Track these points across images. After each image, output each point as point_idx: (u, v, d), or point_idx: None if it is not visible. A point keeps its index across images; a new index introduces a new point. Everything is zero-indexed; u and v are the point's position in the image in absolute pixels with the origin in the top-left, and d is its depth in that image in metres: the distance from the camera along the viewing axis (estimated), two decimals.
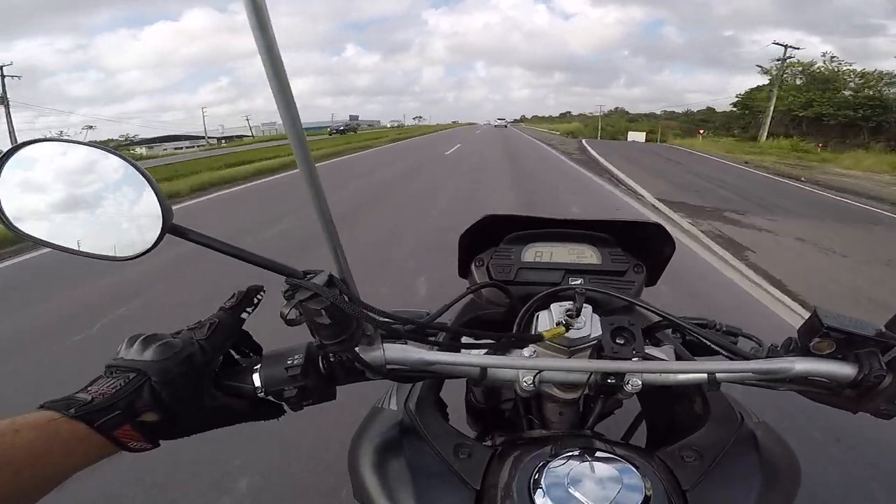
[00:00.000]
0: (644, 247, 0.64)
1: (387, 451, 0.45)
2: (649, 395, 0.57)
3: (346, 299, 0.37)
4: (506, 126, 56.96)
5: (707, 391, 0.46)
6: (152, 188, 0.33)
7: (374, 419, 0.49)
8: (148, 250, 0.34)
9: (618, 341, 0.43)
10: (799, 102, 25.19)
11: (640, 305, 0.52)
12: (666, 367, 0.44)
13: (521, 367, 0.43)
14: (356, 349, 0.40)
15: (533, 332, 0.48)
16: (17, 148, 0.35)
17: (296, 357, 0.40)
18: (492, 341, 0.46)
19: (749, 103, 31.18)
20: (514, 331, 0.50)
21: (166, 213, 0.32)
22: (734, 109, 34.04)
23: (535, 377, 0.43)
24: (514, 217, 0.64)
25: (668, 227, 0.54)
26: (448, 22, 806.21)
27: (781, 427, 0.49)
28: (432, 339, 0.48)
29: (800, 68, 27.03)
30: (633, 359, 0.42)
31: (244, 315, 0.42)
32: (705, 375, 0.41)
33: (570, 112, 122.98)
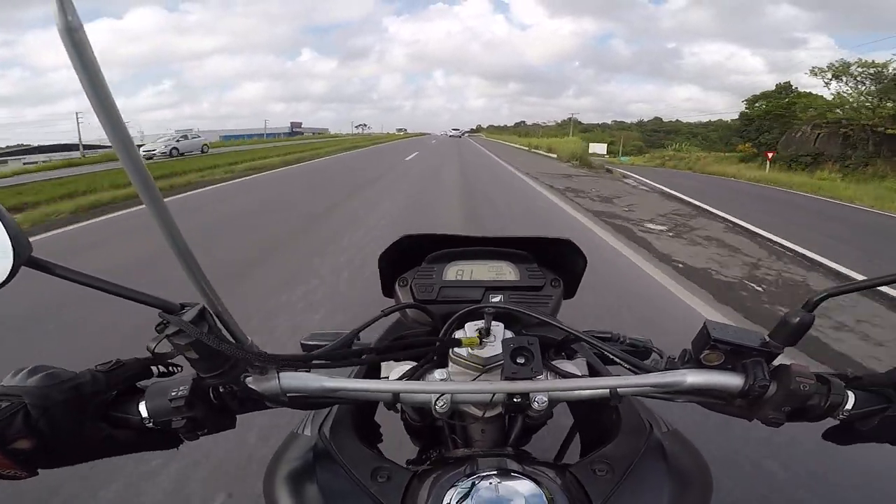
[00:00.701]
0: (559, 262, 0.66)
1: (300, 477, 0.44)
2: (578, 407, 0.58)
3: (219, 332, 0.36)
4: (460, 136, 56.44)
5: (611, 404, 0.45)
6: (1, 219, 0.30)
7: (288, 446, 0.48)
8: None
9: (518, 361, 0.43)
10: (889, 114, 17.25)
11: (549, 322, 0.52)
12: (565, 384, 0.45)
13: (430, 391, 0.44)
14: (247, 379, 0.40)
15: (451, 352, 0.49)
16: None
17: (181, 388, 0.39)
18: (372, 358, 0.48)
19: (782, 112, 24.58)
20: (435, 349, 0.50)
21: (19, 245, 0.29)
22: (730, 121, 29.35)
23: (447, 399, 0.44)
24: (433, 236, 0.65)
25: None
26: (409, 30, 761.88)
27: None
28: (352, 360, 0.48)
29: (871, 70, 19.28)
30: (538, 377, 0.43)
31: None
32: (607, 391, 0.43)
33: (524, 122, 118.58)
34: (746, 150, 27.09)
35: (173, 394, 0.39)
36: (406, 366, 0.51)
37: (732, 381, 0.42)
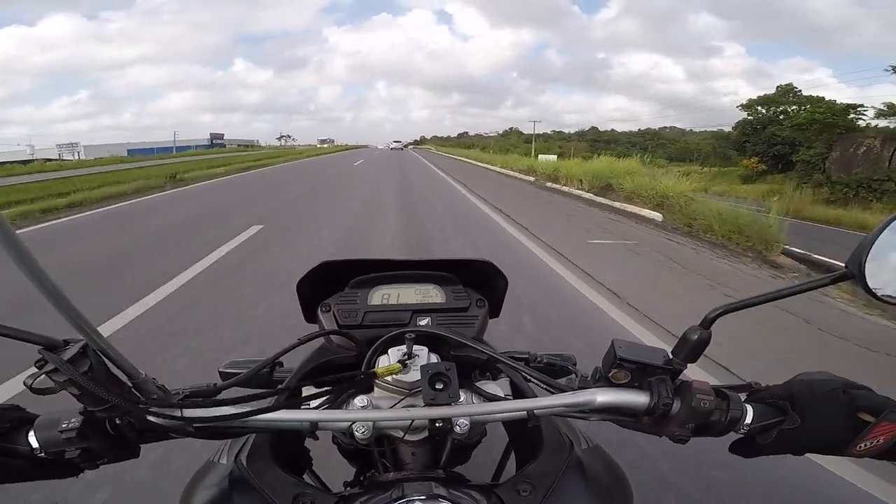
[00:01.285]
0: (483, 283, 0.67)
1: None
2: (513, 426, 0.59)
3: (104, 368, 0.36)
4: (402, 149, 51.90)
5: (530, 425, 0.45)
6: None
7: (204, 474, 0.47)
8: None
9: (437, 387, 0.44)
10: None
11: (468, 345, 0.53)
12: (482, 408, 0.47)
13: (346, 419, 0.44)
14: (148, 411, 0.39)
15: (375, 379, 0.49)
16: None
17: (72, 421, 0.38)
18: (328, 390, 0.47)
19: (833, 121, 17.66)
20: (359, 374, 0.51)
21: None
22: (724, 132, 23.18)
23: (369, 426, 0.43)
24: (354, 261, 0.65)
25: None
26: (351, 40, 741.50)
27: None
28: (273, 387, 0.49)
29: None
30: (456, 402, 0.43)
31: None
32: (524, 412, 0.44)
33: (467, 132, 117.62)
34: (752, 165, 22.31)
35: (64, 425, 0.38)
36: (328, 391, 0.49)
37: (639, 398, 0.43)
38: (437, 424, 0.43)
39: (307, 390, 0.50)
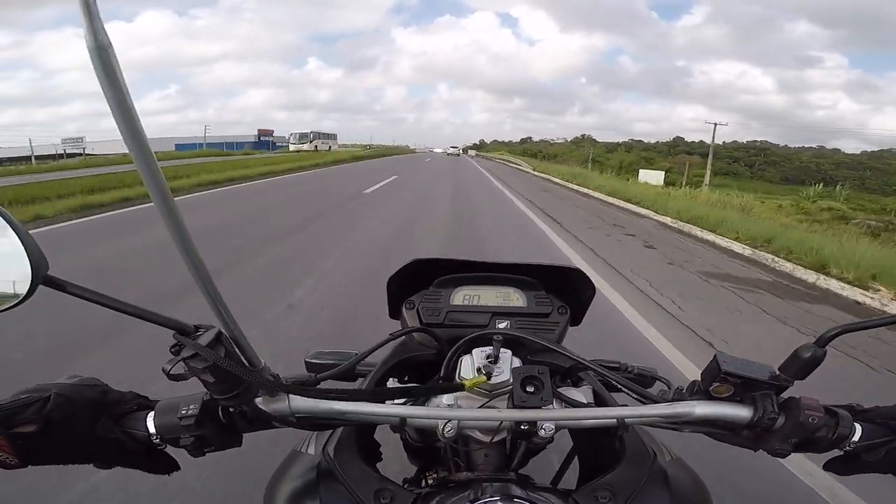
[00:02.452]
0: (567, 290, 0.67)
1: (302, 496, 0.45)
2: (579, 433, 0.59)
3: (235, 357, 0.37)
4: (458, 154, 48.45)
5: (619, 433, 0.47)
6: (19, 236, 0.32)
7: (291, 463, 0.50)
8: (16, 304, 0.34)
9: (528, 390, 0.44)
10: None
11: (556, 350, 0.54)
12: (574, 414, 0.47)
13: (437, 416, 0.45)
14: (257, 400, 0.41)
15: (457, 376, 0.50)
16: None
17: (191, 407, 0.40)
18: (416, 385, 0.51)
19: None
20: (441, 373, 0.53)
21: (37, 263, 0.31)
22: None
23: (454, 425, 0.45)
24: (443, 260, 0.67)
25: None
26: (416, 41, 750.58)
27: None
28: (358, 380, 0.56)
29: None
30: (546, 406, 0.44)
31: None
32: (614, 420, 0.44)
33: (531, 137, 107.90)
34: None
35: (183, 412, 0.40)
36: (417, 385, 0.52)
37: (741, 412, 0.43)
38: (522, 427, 0.44)
39: (392, 385, 0.53)
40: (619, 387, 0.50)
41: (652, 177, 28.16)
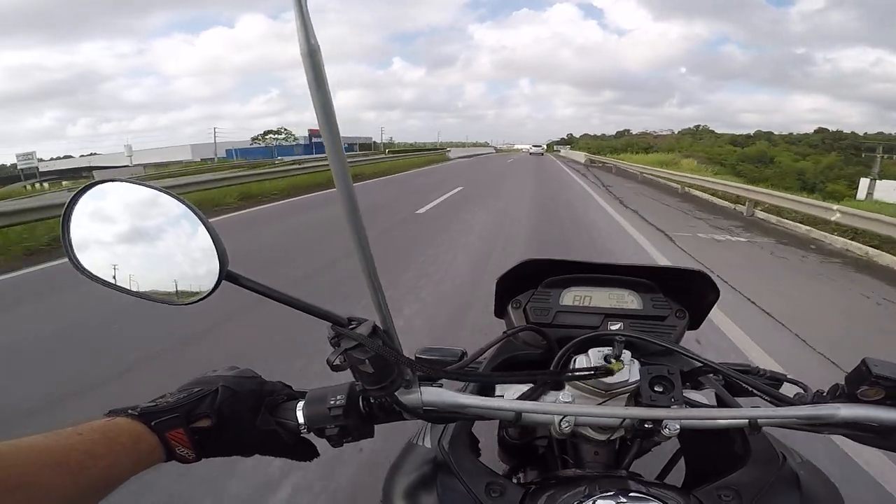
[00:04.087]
0: (687, 293, 0.65)
1: (420, 486, 0.47)
2: (688, 435, 0.57)
3: (392, 347, 0.39)
4: (541, 154, 44.43)
5: (749, 434, 0.47)
6: (210, 234, 0.35)
7: (408, 455, 0.51)
8: (205, 297, 0.37)
9: (656, 389, 0.45)
10: None
11: (681, 352, 0.52)
12: (707, 414, 0.46)
13: (556, 412, 0.46)
14: (396, 393, 0.43)
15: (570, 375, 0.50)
16: (87, 188, 0.38)
17: (338, 398, 0.43)
18: (529, 378, 0.51)
19: None
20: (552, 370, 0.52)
21: (223, 259, 0.34)
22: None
23: (571, 420, 0.46)
24: (554, 261, 0.66)
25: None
26: (494, 36, 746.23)
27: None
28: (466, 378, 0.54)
29: None
30: (673, 406, 0.45)
31: None
32: (746, 421, 0.44)
33: (628, 130, 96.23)
34: None
35: (332, 402, 0.42)
36: (520, 385, 0.52)
37: (892, 415, 0.42)
38: (646, 425, 0.44)
39: (500, 382, 0.53)
40: (750, 389, 0.49)
41: (880, 189, 19.77)
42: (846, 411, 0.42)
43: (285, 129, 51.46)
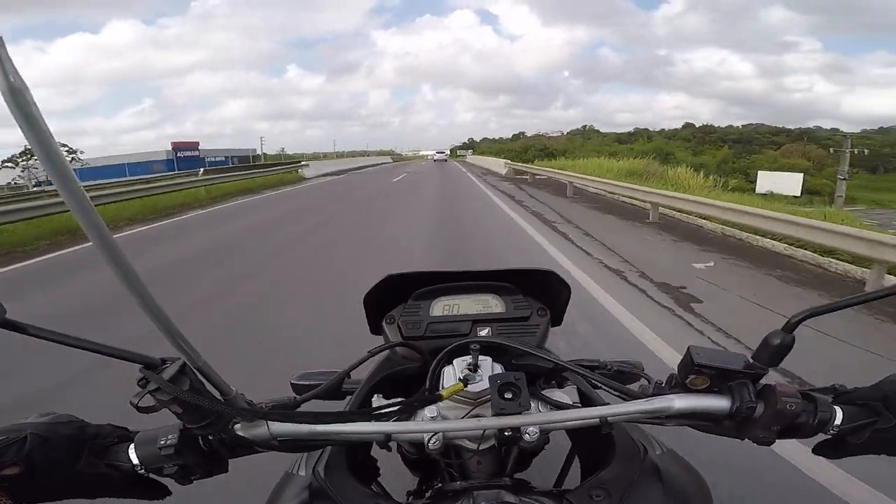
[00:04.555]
0: (545, 292, 0.68)
1: None
2: (576, 434, 0.59)
3: (201, 387, 0.38)
4: (445, 160, 42.74)
5: (603, 432, 0.47)
6: None
7: (283, 487, 0.49)
8: None
9: (506, 396, 0.45)
10: None
11: (534, 353, 0.53)
12: (554, 416, 0.47)
13: (419, 430, 0.46)
14: (236, 427, 0.42)
15: (441, 387, 0.50)
16: None
17: (169, 437, 0.42)
18: (397, 401, 0.48)
19: None
20: (426, 385, 0.52)
21: None
22: None
23: (440, 436, 0.46)
24: (417, 273, 0.67)
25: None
26: (399, 42, 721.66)
27: None
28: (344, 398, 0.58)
29: None
30: (525, 411, 0.45)
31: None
32: (597, 419, 0.45)
33: (523, 133, 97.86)
34: None
35: (162, 442, 0.41)
36: (396, 401, 0.51)
37: (719, 403, 0.43)
38: (506, 434, 0.44)
39: (377, 401, 0.52)
40: (599, 385, 0.50)
41: (778, 183, 18.99)
42: (680, 402, 0.44)
43: (68, 147, 37.83)
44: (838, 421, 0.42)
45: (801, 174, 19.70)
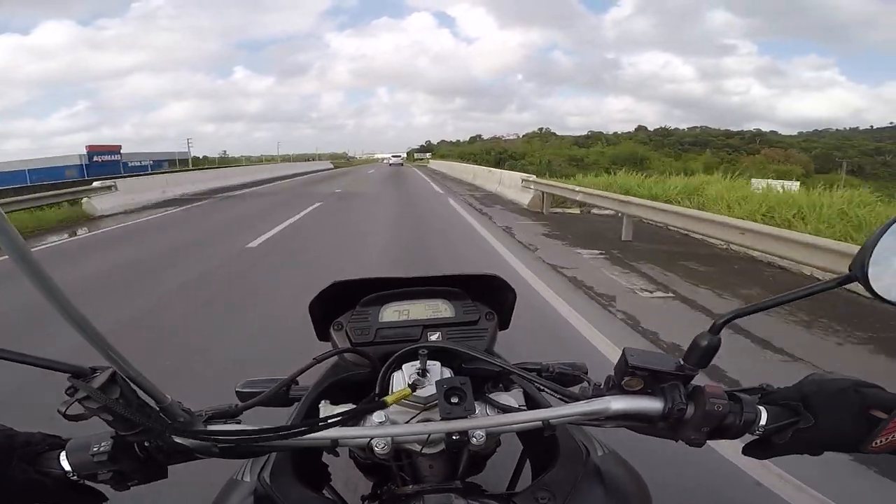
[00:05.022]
0: (492, 296, 0.70)
1: None
2: (526, 436, 0.60)
3: (132, 395, 0.37)
4: (401, 164, 43.16)
5: (546, 434, 0.48)
6: None
7: (227, 493, 0.49)
8: None
9: (452, 401, 0.45)
10: None
11: (479, 357, 0.53)
12: (498, 420, 0.48)
13: (365, 435, 0.46)
14: (172, 434, 0.41)
15: (390, 392, 0.50)
16: None
17: (102, 444, 0.41)
18: (345, 410, 0.48)
19: None
20: (376, 391, 0.53)
21: None
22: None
23: (388, 441, 0.46)
24: (365, 280, 0.68)
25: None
26: (354, 44, 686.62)
27: None
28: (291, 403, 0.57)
29: None
30: (471, 415, 0.45)
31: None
32: (540, 422, 0.45)
33: (480, 136, 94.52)
34: None
35: (95, 449, 0.40)
36: (345, 407, 0.51)
37: (653, 405, 0.44)
38: (453, 437, 0.45)
39: (324, 407, 0.53)
40: (542, 388, 0.51)
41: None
42: (616, 404, 0.44)
43: None
44: (763, 421, 0.43)
45: (798, 182, 15.11)
